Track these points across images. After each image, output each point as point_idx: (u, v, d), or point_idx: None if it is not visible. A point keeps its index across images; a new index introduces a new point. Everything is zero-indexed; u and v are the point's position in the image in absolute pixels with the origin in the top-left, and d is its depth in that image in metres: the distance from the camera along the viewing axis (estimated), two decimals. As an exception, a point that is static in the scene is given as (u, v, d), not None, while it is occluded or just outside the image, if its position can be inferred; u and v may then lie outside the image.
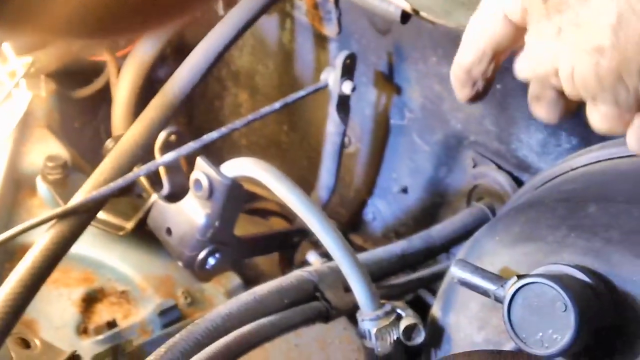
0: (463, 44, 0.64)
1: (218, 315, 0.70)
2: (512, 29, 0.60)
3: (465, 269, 0.67)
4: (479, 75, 0.63)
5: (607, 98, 0.55)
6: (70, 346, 0.92)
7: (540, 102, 0.63)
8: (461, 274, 0.67)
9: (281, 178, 0.84)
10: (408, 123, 1.24)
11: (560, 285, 0.60)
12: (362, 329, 0.79)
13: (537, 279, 0.61)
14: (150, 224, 1.00)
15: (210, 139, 0.99)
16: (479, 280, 0.66)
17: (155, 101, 1.03)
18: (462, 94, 0.66)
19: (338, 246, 0.80)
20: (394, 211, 1.33)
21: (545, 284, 0.60)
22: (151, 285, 1.02)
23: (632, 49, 0.51)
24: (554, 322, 0.60)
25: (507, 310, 0.62)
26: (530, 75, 0.60)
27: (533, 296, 0.61)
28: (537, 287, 0.61)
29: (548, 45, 0.56)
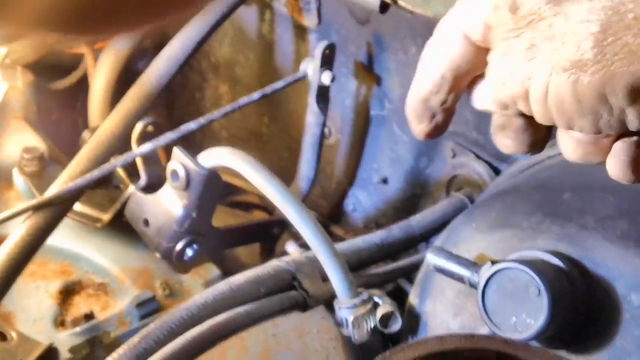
0: (418, 71, 0.56)
1: (193, 304, 0.70)
2: (474, 51, 0.53)
3: (440, 256, 0.67)
4: (437, 105, 0.55)
5: (586, 122, 0.48)
6: (47, 338, 0.92)
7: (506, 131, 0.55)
8: (436, 260, 0.67)
9: (257, 167, 0.84)
10: (388, 113, 1.24)
11: (533, 270, 0.60)
12: (339, 317, 0.79)
13: (511, 265, 0.61)
14: (127, 216, 0.99)
15: (188, 129, 0.98)
16: (454, 266, 0.66)
17: (132, 92, 1.03)
18: (418, 129, 0.57)
19: (314, 234, 0.79)
20: (375, 202, 1.33)
21: (519, 269, 0.61)
22: (129, 277, 1.01)
23: (619, 63, 0.45)
24: (527, 306, 0.60)
25: (481, 295, 0.62)
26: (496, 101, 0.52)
27: (507, 281, 0.61)
28: (510, 272, 0.61)
29: (516, 64, 0.49)
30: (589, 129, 0.48)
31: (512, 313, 0.61)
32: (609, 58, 0.45)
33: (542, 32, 0.47)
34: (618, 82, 0.45)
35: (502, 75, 0.50)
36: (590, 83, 0.45)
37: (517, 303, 0.61)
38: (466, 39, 0.53)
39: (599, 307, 0.64)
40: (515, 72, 0.49)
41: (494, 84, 0.51)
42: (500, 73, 0.50)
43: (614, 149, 0.51)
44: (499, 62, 0.50)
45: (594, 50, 0.45)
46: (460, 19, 0.53)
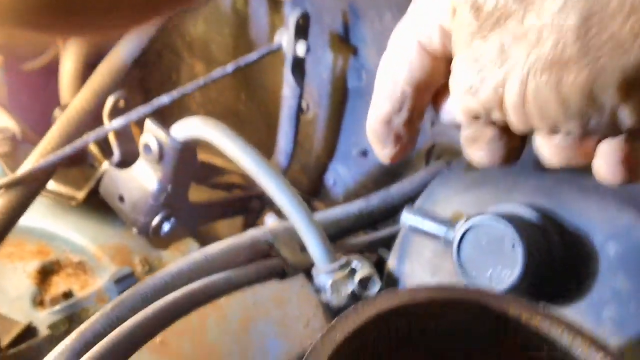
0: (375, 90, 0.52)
1: (167, 273, 0.69)
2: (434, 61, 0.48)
3: (416, 215, 0.67)
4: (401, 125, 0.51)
5: (574, 125, 0.43)
6: (26, 318, 0.91)
7: (478, 143, 0.51)
8: (412, 220, 0.67)
9: (230, 135, 0.83)
10: (366, 85, 1.23)
11: (507, 223, 0.60)
12: (318, 283, 0.79)
13: (485, 219, 0.61)
14: (102, 192, 0.98)
15: (161, 103, 0.97)
16: (429, 225, 0.66)
17: (102, 67, 1.01)
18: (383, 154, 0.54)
19: (288, 199, 0.79)
20: (355, 175, 1.32)
21: (493, 223, 0.60)
22: (107, 254, 1.00)
23: (607, 57, 0.39)
24: (502, 259, 0.60)
25: (456, 250, 0.62)
26: (465, 112, 0.47)
27: (482, 235, 0.61)
28: (485, 226, 0.61)
29: (487, 69, 0.43)
30: (577, 132, 0.43)
31: (487, 267, 0.61)
32: (594, 52, 0.39)
33: (513, 30, 0.42)
34: (608, 78, 0.40)
35: (470, 84, 0.45)
36: (575, 82, 0.40)
37: (493, 256, 0.60)
38: (425, 51, 0.48)
39: (576, 258, 0.64)
40: (486, 78, 0.44)
41: (463, 95, 0.46)
42: (469, 82, 0.45)
43: (601, 150, 0.47)
44: (465, 70, 0.45)
45: (577, 44, 0.40)
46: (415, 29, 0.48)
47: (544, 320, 0.47)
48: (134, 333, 0.60)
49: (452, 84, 0.47)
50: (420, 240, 0.75)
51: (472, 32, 0.43)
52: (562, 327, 0.47)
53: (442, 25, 0.46)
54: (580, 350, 0.46)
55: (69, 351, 0.59)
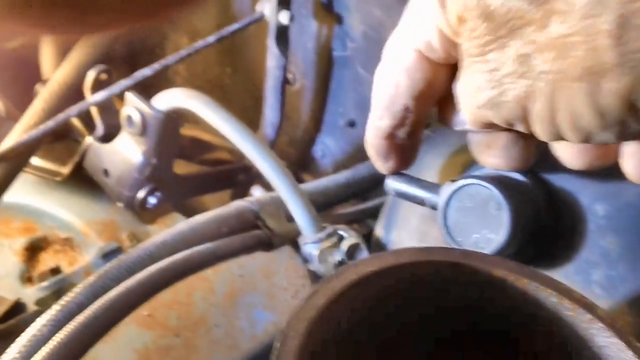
0: (374, 102, 0.49)
1: (152, 243, 0.68)
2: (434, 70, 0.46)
3: (400, 180, 0.66)
4: (405, 137, 0.49)
5: (610, 135, 0.40)
6: (14, 295, 0.90)
7: (492, 150, 0.50)
8: (397, 185, 0.66)
9: (212, 105, 0.82)
10: (351, 53, 1.22)
11: (493, 184, 0.59)
12: (305, 252, 0.78)
13: (470, 181, 0.60)
14: (87, 167, 0.97)
15: (143, 75, 0.95)
16: (415, 189, 0.65)
17: (84, 40, 1.00)
18: (387, 167, 0.53)
19: (273, 169, 0.78)
20: (343, 146, 1.31)
21: (478, 185, 0.59)
22: (94, 230, 0.99)
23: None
24: (488, 222, 0.59)
25: (442, 215, 0.61)
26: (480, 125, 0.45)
27: (467, 198, 0.60)
28: (470, 188, 0.60)
29: (507, 81, 0.40)
30: (612, 141, 0.41)
31: (473, 230, 0.60)
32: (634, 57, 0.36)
33: (533, 38, 0.38)
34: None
35: (489, 98, 0.42)
36: (614, 91, 0.37)
37: (479, 219, 0.60)
38: (425, 59, 0.46)
39: (563, 219, 0.63)
40: (507, 92, 0.41)
41: (479, 108, 0.43)
42: (486, 95, 0.42)
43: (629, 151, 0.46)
44: (481, 83, 0.42)
45: (615, 50, 0.36)
46: (413, 36, 0.46)
47: (531, 281, 0.47)
48: (118, 303, 0.59)
49: (463, 96, 0.45)
50: (407, 208, 0.75)
51: (486, 42, 0.40)
52: (549, 289, 0.46)
53: (443, 30, 0.44)
54: (569, 311, 0.46)
55: (53, 321, 0.58)
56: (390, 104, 0.48)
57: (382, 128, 0.50)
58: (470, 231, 0.60)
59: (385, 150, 0.51)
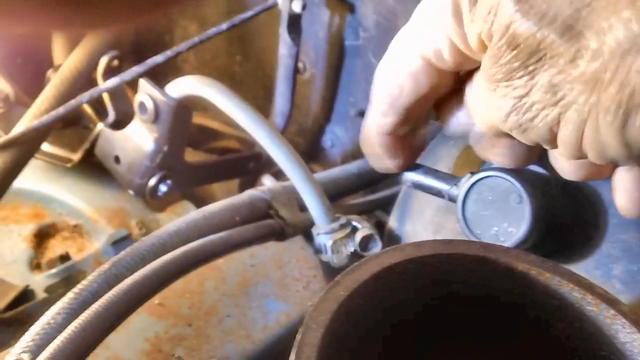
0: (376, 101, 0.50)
1: (165, 231, 0.68)
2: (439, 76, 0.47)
3: (418, 172, 0.65)
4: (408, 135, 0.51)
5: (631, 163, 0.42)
6: (23, 281, 0.90)
7: (497, 148, 0.51)
8: (414, 176, 0.65)
9: (226, 92, 0.81)
10: (363, 43, 1.21)
11: (513, 177, 0.58)
12: (318, 243, 0.78)
13: (491, 173, 0.59)
14: (97, 154, 0.96)
15: (154, 62, 0.95)
16: (432, 181, 0.64)
17: (96, 27, 0.99)
18: (394, 164, 0.53)
19: (288, 158, 0.77)
20: (352, 136, 1.31)
21: (499, 177, 0.59)
22: (103, 217, 0.99)
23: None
24: (508, 215, 0.58)
25: (461, 207, 0.60)
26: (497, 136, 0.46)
27: (487, 191, 0.59)
28: (490, 180, 0.59)
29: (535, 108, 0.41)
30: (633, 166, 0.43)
31: (493, 223, 0.59)
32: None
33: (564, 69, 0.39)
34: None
35: (518, 122, 0.42)
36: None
37: (499, 212, 0.59)
38: (431, 66, 0.46)
39: (584, 213, 0.63)
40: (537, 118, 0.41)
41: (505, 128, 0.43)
42: (515, 119, 0.42)
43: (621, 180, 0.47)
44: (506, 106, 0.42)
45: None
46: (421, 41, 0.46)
47: (554, 275, 0.46)
48: (132, 292, 0.59)
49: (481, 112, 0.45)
50: (421, 200, 0.74)
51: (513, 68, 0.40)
52: (572, 283, 0.46)
53: (456, 44, 0.44)
54: (592, 306, 0.45)
55: (67, 309, 0.58)
56: (393, 102, 0.49)
57: (386, 125, 0.50)
58: (489, 224, 0.59)
59: (392, 146, 0.52)
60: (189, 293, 0.79)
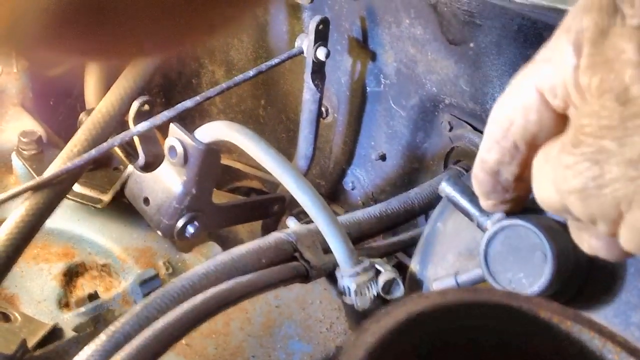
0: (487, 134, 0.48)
1: (195, 274, 0.70)
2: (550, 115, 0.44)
3: (456, 188, 0.66)
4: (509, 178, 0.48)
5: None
6: (52, 319, 0.92)
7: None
8: (450, 191, 0.66)
9: (254, 137, 0.84)
10: (384, 89, 1.24)
11: (545, 235, 0.59)
12: (342, 285, 0.79)
13: (525, 224, 0.59)
14: (127, 195, 0.99)
15: (184, 107, 0.98)
16: (466, 202, 0.64)
17: (127, 72, 1.03)
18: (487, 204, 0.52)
19: (314, 203, 0.79)
20: (373, 179, 1.33)
21: (530, 230, 0.59)
22: (131, 256, 1.01)
23: None
24: (528, 267, 0.60)
25: (485, 242, 0.61)
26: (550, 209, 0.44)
27: (515, 236, 0.60)
28: (522, 229, 0.60)
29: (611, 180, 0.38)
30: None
31: (510, 268, 0.61)
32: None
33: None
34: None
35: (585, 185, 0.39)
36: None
37: (519, 261, 0.60)
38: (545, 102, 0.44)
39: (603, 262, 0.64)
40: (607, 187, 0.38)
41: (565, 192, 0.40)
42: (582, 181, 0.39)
43: None
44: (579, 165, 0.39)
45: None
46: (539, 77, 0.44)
47: (575, 323, 0.48)
48: (164, 334, 0.61)
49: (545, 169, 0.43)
50: (443, 244, 0.76)
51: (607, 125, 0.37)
52: (593, 331, 0.47)
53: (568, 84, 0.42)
54: (613, 354, 0.47)
55: (100, 351, 0.60)
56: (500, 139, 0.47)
57: (488, 161, 0.48)
58: (507, 267, 0.61)
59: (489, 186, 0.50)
60: (215, 333, 0.81)
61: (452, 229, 0.74)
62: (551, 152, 0.43)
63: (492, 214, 0.61)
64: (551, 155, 0.42)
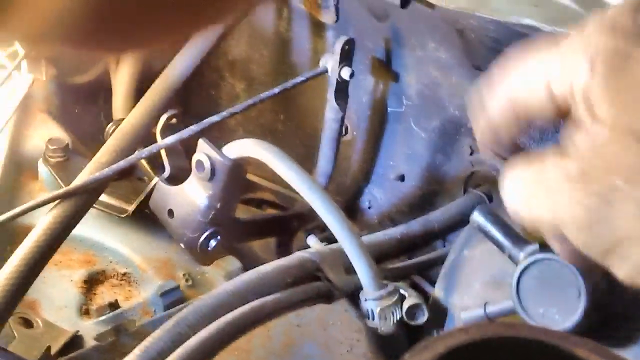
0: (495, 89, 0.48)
1: (224, 291, 0.71)
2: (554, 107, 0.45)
3: (488, 218, 0.66)
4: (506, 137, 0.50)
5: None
6: (72, 326, 0.93)
7: None
8: (482, 221, 0.66)
9: (282, 156, 0.85)
10: (405, 110, 1.25)
11: (580, 272, 0.59)
12: (365, 308, 0.80)
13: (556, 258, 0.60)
14: (152, 206, 1.00)
15: (211, 121, 0.99)
16: (498, 233, 0.64)
17: (156, 85, 1.04)
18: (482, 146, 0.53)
19: (341, 225, 0.80)
20: (390, 198, 1.34)
21: (566, 265, 0.59)
22: (152, 267, 1.02)
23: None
24: (560, 304, 0.60)
25: (518, 275, 0.62)
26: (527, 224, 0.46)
27: (548, 271, 0.60)
28: (555, 264, 0.60)
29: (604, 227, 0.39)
30: None
31: (542, 303, 0.61)
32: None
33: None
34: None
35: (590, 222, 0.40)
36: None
37: (552, 297, 0.60)
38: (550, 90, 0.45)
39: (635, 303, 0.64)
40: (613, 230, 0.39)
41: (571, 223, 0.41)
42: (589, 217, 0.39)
43: None
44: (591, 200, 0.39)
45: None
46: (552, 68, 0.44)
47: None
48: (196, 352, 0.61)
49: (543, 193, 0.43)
50: (469, 272, 0.77)
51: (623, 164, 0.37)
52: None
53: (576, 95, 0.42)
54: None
55: (134, 366, 0.60)
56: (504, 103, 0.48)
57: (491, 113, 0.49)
58: (538, 302, 0.62)
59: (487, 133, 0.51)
60: (238, 350, 0.82)
61: (479, 258, 0.75)
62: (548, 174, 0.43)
63: (525, 246, 0.62)
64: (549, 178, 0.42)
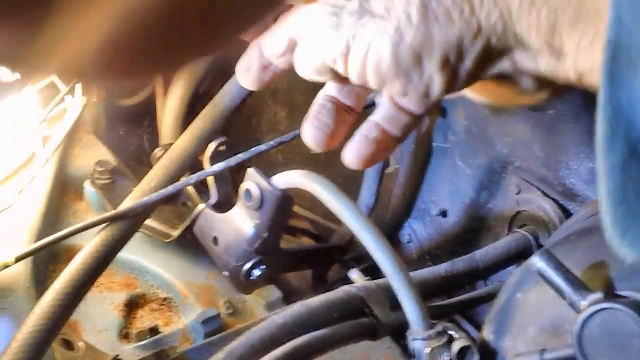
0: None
1: (273, 323, 0.70)
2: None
3: (549, 262, 0.64)
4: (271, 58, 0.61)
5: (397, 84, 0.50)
6: (112, 350, 0.92)
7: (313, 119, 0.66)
8: (543, 265, 0.64)
9: (332, 189, 0.84)
10: (451, 145, 1.24)
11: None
12: (413, 348, 0.78)
13: (625, 308, 0.58)
14: (196, 232, 1.00)
15: (259, 150, 0.99)
16: (559, 279, 0.62)
17: (206, 112, 1.04)
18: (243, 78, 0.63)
19: (391, 261, 0.79)
20: (431, 234, 1.32)
21: (631, 316, 0.57)
22: (193, 293, 1.02)
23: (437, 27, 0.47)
24: (624, 355, 0.58)
25: (581, 323, 0.60)
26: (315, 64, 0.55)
27: (613, 321, 0.58)
28: (620, 314, 0.58)
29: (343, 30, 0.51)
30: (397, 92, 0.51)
31: (604, 354, 0.59)
32: (429, 22, 0.47)
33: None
34: (434, 46, 0.47)
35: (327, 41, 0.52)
36: (409, 44, 0.48)
37: (615, 348, 0.58)
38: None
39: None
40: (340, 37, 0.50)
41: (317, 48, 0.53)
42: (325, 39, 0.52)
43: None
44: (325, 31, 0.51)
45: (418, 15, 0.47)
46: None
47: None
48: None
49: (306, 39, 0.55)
50: (523, 316, 0.75)
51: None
52: None
53: None
54: None
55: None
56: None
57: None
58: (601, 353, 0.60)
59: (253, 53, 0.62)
60: (281, 383, 0.81)
61: (534, 302, 0.73)
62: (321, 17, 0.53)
63: (588, 294, 0.60)
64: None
